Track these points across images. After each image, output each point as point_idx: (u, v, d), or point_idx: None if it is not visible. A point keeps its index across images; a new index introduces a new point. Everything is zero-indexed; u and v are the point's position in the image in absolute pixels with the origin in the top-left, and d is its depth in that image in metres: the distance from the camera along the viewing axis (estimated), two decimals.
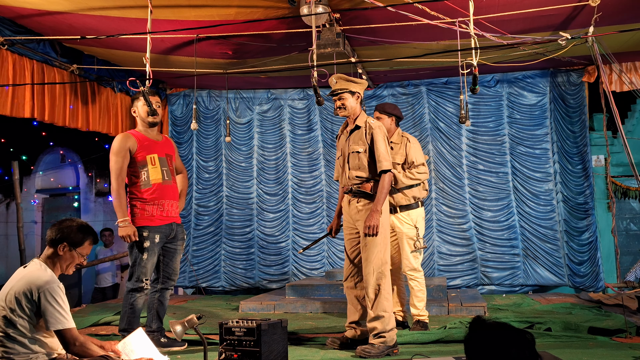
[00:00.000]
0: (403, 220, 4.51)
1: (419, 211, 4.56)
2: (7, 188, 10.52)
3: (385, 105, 4.73)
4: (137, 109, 4.13)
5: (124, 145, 3.99)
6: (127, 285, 4.01)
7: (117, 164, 3.98)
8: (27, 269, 2.76)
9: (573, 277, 6.72)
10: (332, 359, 3.65)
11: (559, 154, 6.88)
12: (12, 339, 2.63)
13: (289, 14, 4.73)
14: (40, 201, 10.77)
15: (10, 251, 10.41)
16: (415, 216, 4.53)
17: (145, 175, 4.04)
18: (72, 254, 2.82)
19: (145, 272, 3.96)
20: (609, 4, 4.67)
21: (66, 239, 2.79)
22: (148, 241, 3.94)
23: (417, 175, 4.49)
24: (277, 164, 7.65)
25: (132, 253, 3.97)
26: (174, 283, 4.28)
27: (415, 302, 4.57)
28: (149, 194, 4.02)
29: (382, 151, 3.76)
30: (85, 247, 2.85)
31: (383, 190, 3.72)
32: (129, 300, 3.95)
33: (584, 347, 3.84)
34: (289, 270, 7.47)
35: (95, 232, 2.95)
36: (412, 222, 4.50)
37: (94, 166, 10.38)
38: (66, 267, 2.83)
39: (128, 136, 4.06)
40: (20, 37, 5.13)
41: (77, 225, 2.85)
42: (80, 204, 10.27)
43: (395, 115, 4.66)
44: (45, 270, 2.73)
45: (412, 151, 4.55)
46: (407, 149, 4.55)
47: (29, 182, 10.77)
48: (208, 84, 7.47)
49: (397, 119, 4.68)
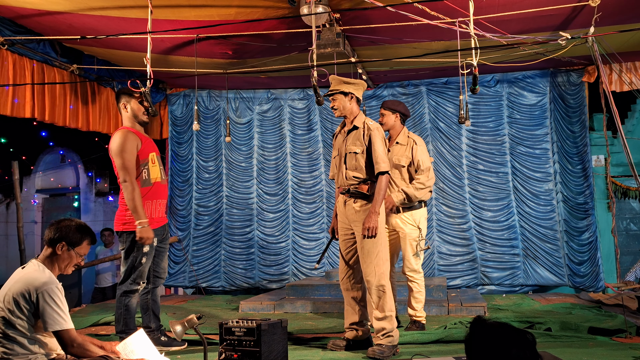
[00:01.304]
0: (406, 220, 4.48)
1: (421, 212, 4.53)
2: (7, 188, 10.52)
3: (388, 102, 4.70)
4: (130, 106, 4.01)
5: (133, 142, 3.89)
6: (120, 287, 3.90)
7: (131, 162, 3.86)
8: (25, 270, 2.74)
9: (573, 277, 6.72)
10: (332, 359, 3.65)
11: (559, 154, 6.88)
12: (11, 339, 2.62)
13: (289, 14, 4.73)
14: (40, 201, 10.77)
15: (10, 251, 10.41)
16: (419, 217, 4.50)
17: (146, 173, 3.97)
18: (71, 254, 2.81)
19: (142, 275, 3.90)
20: (609, 4, 4.67)
21: (64, 239, 2.78)
22: (147, 246, 3.89)
23: (427, 184, 4.47)
24: (277, 164, 7.65)
25: (130, 256, 3.87)
26: (163, 281, 4.26)
27: (414, 303, 4.55)
28: (149, 193, 3.97)
29: (380, 153, 3.75)
30: (83, 246, 2.84)
31: (380, 192, 3.72)
32: (123, 302, 3.88)
33: (584, 347, 3.84)
34: (289, 271, 7.47)
35: (93, 232, 2.94)
36: (415, 223, 4.48)
37: (94, 166, 10.39)
38: (64, 267, 2.82)
39: (131, 133, 3.95)
40: (20, 37, 5.13)
41: (75, 225, 2.84)
42: (80, 204, 10.27)
43: (400, 111, 4.59)
44: (43, 271, 2.72)
45: (419, 154, 4.50)
46: (413, 151, 4.50)
47: (29, 182, 10.77)
48: (208, 84, 7.47)
49: (402, 115, 4.61)
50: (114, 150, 3.87)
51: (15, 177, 7.03)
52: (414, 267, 4.50)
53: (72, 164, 10.51)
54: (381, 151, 3.76)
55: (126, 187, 3.83)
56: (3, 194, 10.93)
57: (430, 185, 4.50)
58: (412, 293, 4.54)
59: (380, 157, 3.75)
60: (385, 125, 4.61)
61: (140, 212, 3.80)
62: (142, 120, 4.07)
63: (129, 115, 4.04)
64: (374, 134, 3.80)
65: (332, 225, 4.12)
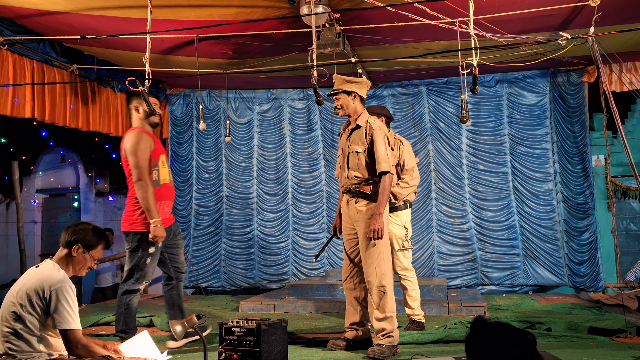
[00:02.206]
0: (392, 220, 4.55)
1: (407, 212, 4.65)
2: (7, 188, 10.52)
3: (373, 107, 4.77)
4: (142, 108, 4.05)
5: (147, 142, 3.93)
6: (123, 286, 3.93)
7: (146, 162, 3.88)
8: (40, 268, 2.79)
9: (573, 277, 6.72)
10: (332, 359, 3.65)
11: (559, 154, 6.88)
12: (19, 335, 2.65)
13: (289, 14, 4.73)
14: (40, 201, 10.77)
15: (10, 251, 10.40)
16: (405, 217, 4.61)
17: (156, 174, 4.00)
18: (85, 257, 2.87)
19: (145, 276, 3.94)
20: (609, 4, 4.67)
21: (81, 241, 2.84)
22: (154, 247, 3.91)
23: (412, 183, 4.60)
24: (277, 164, 7.65)
25: (135, 255, 3.89)
26: (184, 275, 4.33)
27: (410, 301, 4.60)
28: (158, 194, 3.98)
29: (382, 152, 3.74)
30: (98, 250, 2.91)
31: (385, 193, 3.71)
32: (124, 301, 3.90)
33: (584, 347, 3.84)
34: (289, 270, 7.47)
35: (108, 237, 2.99)
36: (402, 223, 4.58)
37: (94, 166, 10.38)
38: (79, 269, 2.89)
39: (145, 133, 3.98)
40: (20, 37, 5.13)
41: (92, 229, 2.91)
42: (80, 204, 10.27)
43: (384, 115, 4.65)
44: (58, 270, 2.77)
45: (405, 154, 4.61)
46: (400, 152, 4.61)
47: (29, 182, 10.77)
48: (208, 84, 7.47)
49: (387, 119, 4.67)
50: (129, 149, 3.88)
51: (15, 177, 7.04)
52: (404, 266, 4.57)
53: (72, 164, 10.51)
54: (383, 151, 3.75)
55: (141, 185, 3.83)
56: (3, 194, 10.93)
57: (414, 184, 4.62)
58: (407, 291, 4.61)
59: (382, 157, 3.73)
60: None
61: (154, 211, 3.82)
62: (153, 122, 4.09)
63: (140, 116, 4.06)
64: (375, 133, 3.78)
65: (335, 223, 4.12)
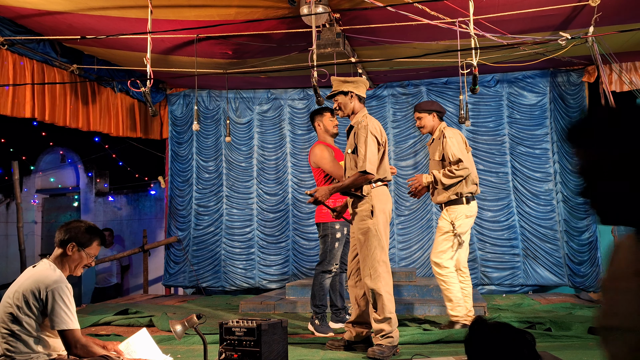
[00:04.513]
0: (443, 216, 4.48)
1: (461, 207, 4.43)
2: (7, 188, 10.51)
3: (421, 104, 4.70)
4: (322, 123, 4.66)
5: (328, 151, 4.59)
6: (318, 268, 4.58)
7: (334, 167, 4.53)
8: (36, 268, 2.78)
9: (573, 277, 6.73)
10: (332, 359, 3.66)
11: (559, 154, 6.88)
12: (16, 336, 2.64)
13: (289, 14, 4.73)
14: (40, 201, 10.76)
15: (10, 251, 10.39)
16: (456, 213, 4.42)
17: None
18: (81, 254, 2.85)
19: (335, 258, 4.55)
20: (609, 4, 4.67)
21: (74, 239, 2.83)
22: (339, 232, 4.54)
23: (457, 173, 4.35)
24: (277, 164, 7.65)
25: (326, 241, 4.56)
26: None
27: (445, 301, 4.51)
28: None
29: (361, 152, 3.65)
30: (93, 247, 2.89)
31: (346, 182, 3.70)
32: (319, 280, 4.56)
33: (584, 347, 3.84)
34: (289, 270, 7.47)
35: (103, 233, 2.98)
36: (450, 218, 4.41)
37: (94, 166, 10.37)
38: (75, 268, 2.87)
39: (325, 145, 4.63)
40: (20, 37, 5.13)
41: (85, 226, 2.89)
42: (80, 204, 10.27)
43: (435, 110, 4.58)
44: (54, 270, 2.76)
45: (447, 147, 4.42)
46: (443, 145, 4.45)
47: (29, 182, 10.76)
48: (208, 84, 7.47)
49: (439, 113, 4.59)
50: (318, 161, 4.58)
51: (15, 177, 7.04)
52: (436, 260, 4.43)
53: (72, 164, 10.51)
54: (363, 150, 3.64)
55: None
56: (3, 194, 10.92)
57: (460, 174, 4.35)
58: (442, 292, 4.51)
59: (360, 157, 3.65)
60: (425, 128, 4.63)
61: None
62: (333, 133, 4.72)
63: (322, 130, 4.71)
64: (359, 132, 3.72)
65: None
